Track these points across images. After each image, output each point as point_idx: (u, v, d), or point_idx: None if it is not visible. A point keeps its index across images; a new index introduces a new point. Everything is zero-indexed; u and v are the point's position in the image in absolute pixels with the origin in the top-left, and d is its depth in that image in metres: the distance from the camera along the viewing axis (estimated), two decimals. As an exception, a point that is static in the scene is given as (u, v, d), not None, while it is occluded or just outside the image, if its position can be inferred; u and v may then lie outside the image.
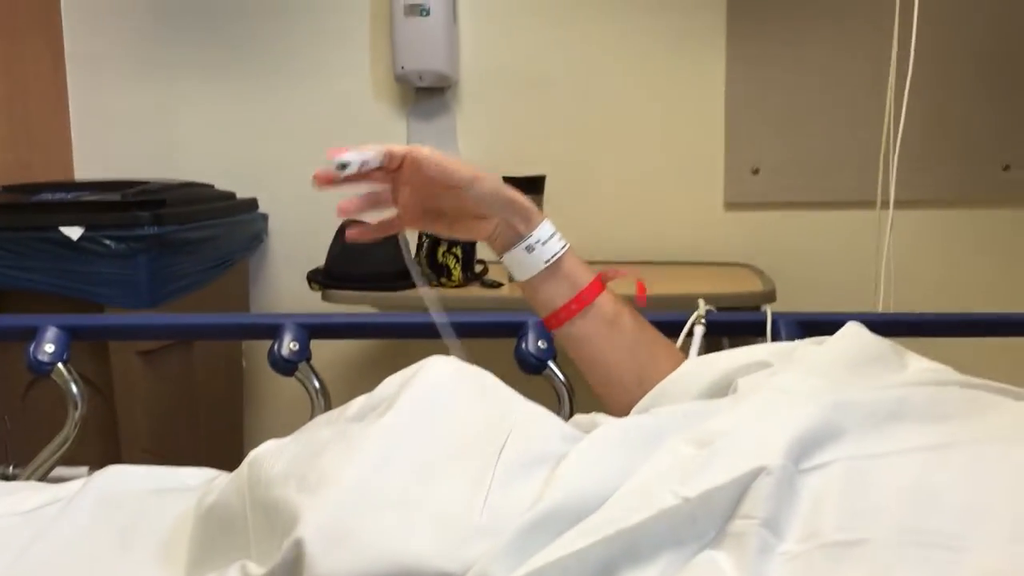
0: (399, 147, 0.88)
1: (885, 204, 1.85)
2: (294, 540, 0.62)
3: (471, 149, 2.27)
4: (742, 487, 0.60)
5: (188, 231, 1.92)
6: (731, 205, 2.26)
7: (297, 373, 1.12)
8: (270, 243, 2.36)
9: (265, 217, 2.32)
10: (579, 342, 0.95)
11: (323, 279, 2.01)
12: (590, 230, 2.24)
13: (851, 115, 2.10)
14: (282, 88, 2.32)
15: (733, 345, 1.01)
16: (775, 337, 1.13)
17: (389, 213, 0.93)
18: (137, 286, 1.80)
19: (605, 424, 0.73)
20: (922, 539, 0.56)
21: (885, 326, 1.17)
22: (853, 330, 0.86)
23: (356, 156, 0.84)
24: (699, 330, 1.10)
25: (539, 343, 1.11)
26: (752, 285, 1.98)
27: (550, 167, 2.08)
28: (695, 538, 0.60)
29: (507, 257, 0.94)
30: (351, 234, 0.93)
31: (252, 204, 2.27)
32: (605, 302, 0.94)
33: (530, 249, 0.93)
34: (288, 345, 1.11)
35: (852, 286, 1.94)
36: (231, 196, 2.21)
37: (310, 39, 2.30)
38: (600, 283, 0.95)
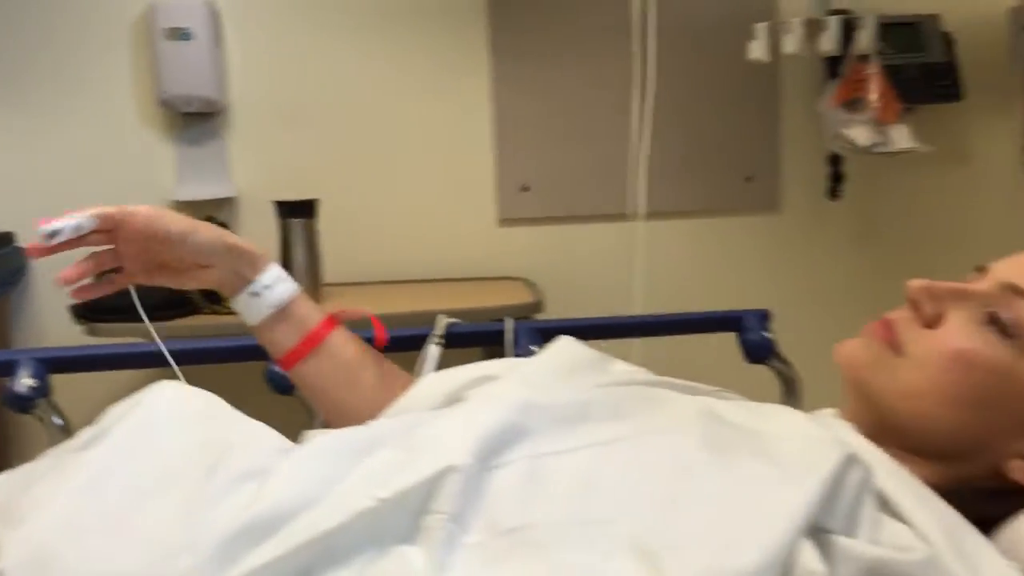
0: (111, 208, 0.90)
1: (638, 215, 2.00)
2: None
3: (244, 175, 2.25)
4: (432, 485, 0.65)
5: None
6: (504, 221, 2.35)
7: (36, 411, 1.09)
8: (32, 278, 2.25)
9: (22, 251, 2.21)
10: (312, 382, 0.98)
11: (88, 313, 1.94)
12: (367, 251, 2.27)
13: (608, 132, 2.23)
14: (40, 114, 2.22)
15: (489, 357, 1.07)
16: (517, 345, 1.20)
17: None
18: None
19: (322, 434, 0.76)
20: (583, 519, 0.63)
21: (613, 329, 1.27)
22: (564, 342, 0.93)
23: (66, 223, 0.86)
24: (434, 349, 1.15)
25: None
26: (523, 297, 2.08)
27: (324, 190, 2.10)
28: (391, 536, 0.64)
29: (234, 302, 0.98)
30: (77, 294, 0.93)
31: (7, 238, 2.16)
32: (338, 343, 0.98)
33: (255, 294, 0.96)
34: (23, 381, 1.08)
35: (616, 293, 2.07)
36: (-17, 230, 2.09)
37: (72, 65, 2.21)
38: (331, 324, 0.99)
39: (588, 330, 1.18)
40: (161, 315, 1.86)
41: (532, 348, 1.18)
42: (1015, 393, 0.73)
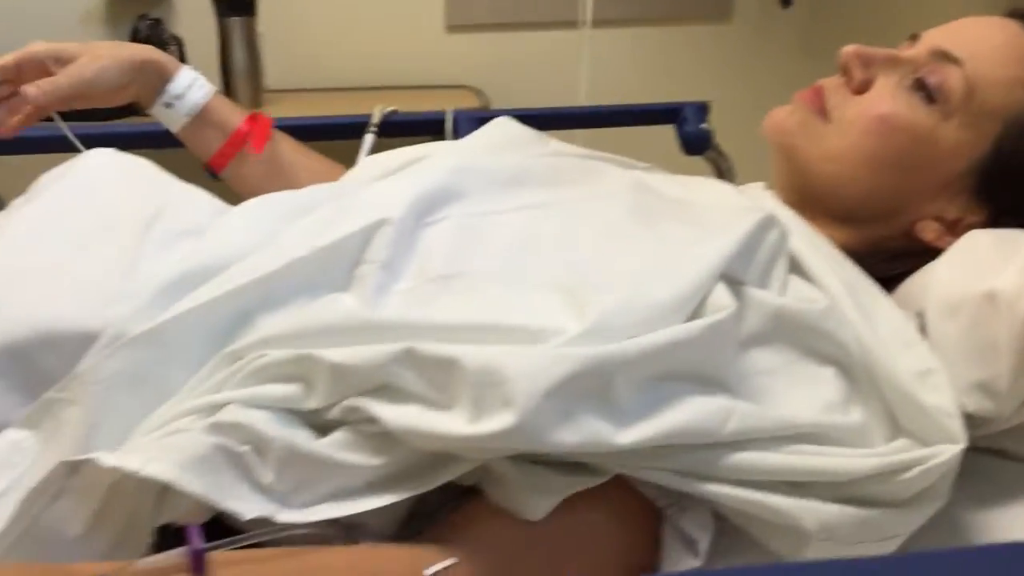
0: (7, 58, 0.88)
1: (585, 23, 1.96)
2: None
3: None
4: (367, 236, 0.67)
5: None
6: (452, 27, 2.29)
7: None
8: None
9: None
10: (247, 183, 0.98)
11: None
12: (310, 56, 2.21)
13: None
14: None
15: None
16: (456, 135, 1.20)
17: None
18: None
19: (257, 198, 0.77)
20: (512, 269, 0.66)
21: (554, 119, 1.27)
22: (500, 120, 0.93)
23: None
24: (370, 138, 1.15)
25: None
26: (469, 104, 2.05)
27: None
28: (326, 284, 0.66)
29: (153, 113, 0.97)
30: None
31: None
32: (271, 152, 0.99)
33: (168, 105, 0.95)
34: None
35: (562, 102, 2.05)
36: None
37: None
38: (252, 122, 0.99)
39: (529, 119, 1.17)
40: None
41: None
42: (934, 156, 0.76)
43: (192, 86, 0.96)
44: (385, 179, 0.79)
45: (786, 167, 0.82)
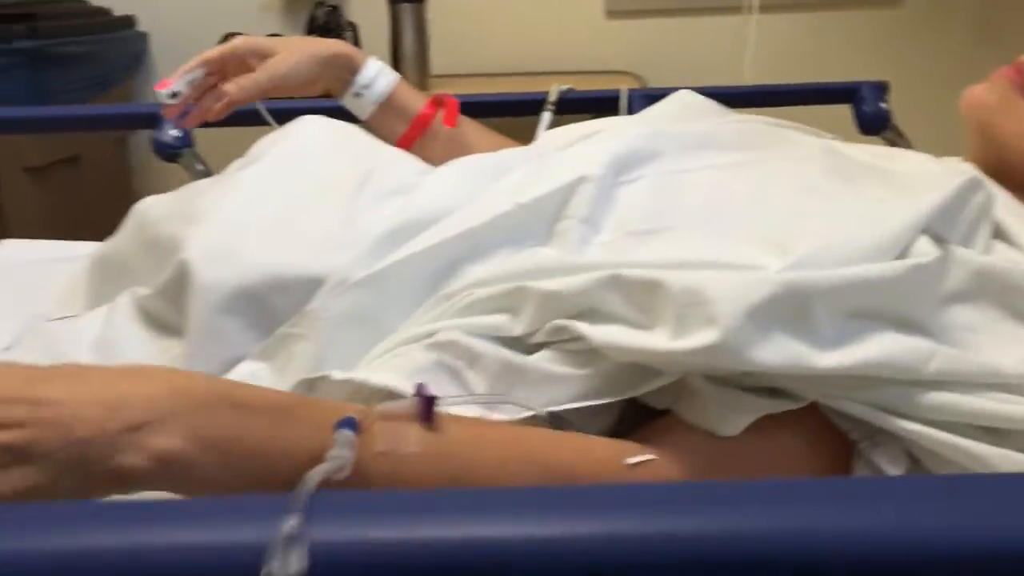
0: (212, 53, 0.95)
1: (751, 8, 1.94)
2: (179, 260, 0.70)
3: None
4: (567, 194, 0.70)
5: (64, 45, 1.89)
6: (613, 13, 2.31)
7: (181, 159, 1.17)
8: (152, 63, 2.33)
9: (144, 36, 2.28)
10: (429, 161, 1.03)
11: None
12: (472, 41, 2.28)
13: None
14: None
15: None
16: (629, 113, 1.22)
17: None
18: (13, 101, 1.78)
19: (457, 159, 0.81)
20: (710, 222, 0.67)
21: (726, 97, 1.27)
22: (682, 93, 0.95)
23: (181, 83, 0.94)
24: (547, 115, 1.18)
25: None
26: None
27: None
28: (528, 237, 0.70)
29: (344, 103, 1.03)
30: (188, 122, 0.99)
31: (129, 21, 2.23)
32: (448, 131, 1.04)
33: (358, 95, 1.02)
34: (170, 132, 1.15)
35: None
36: (106, 12, 2.16)
37: None
38: (434, 106, 1.04)
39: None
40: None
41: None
42: None
43: (378, 76, 1.02)
44: (576, 144, 0.82)
45: (982, 144, 0.81)
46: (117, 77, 2.16)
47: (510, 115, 1.28)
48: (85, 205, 2.05)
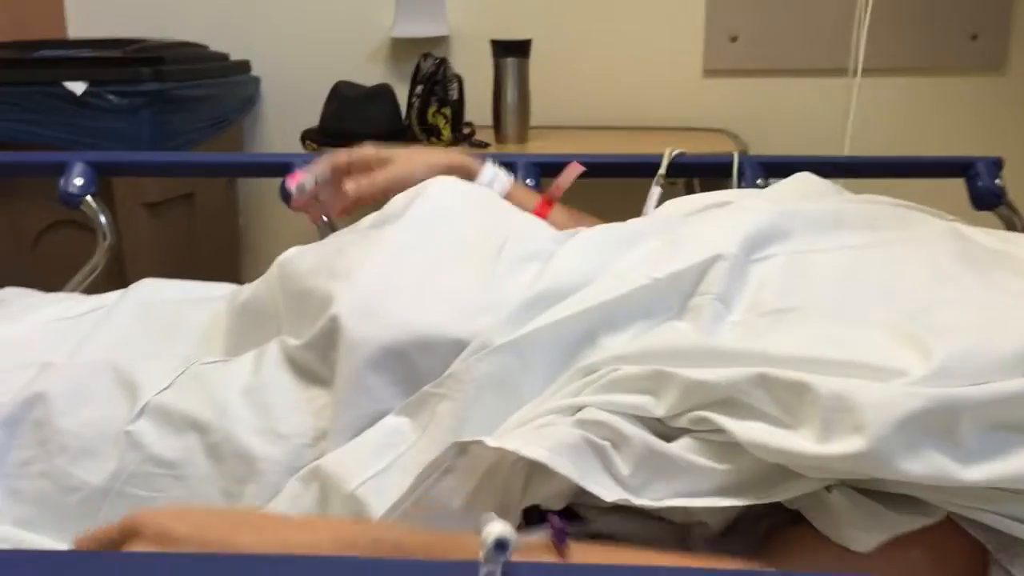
0: (341, 155, 1.03)
1: (852, 71, 1.95)
2: (330, 316, 0.74)
3: (460, 14, 2.32)
4: (702, 270, 0.72)
5: (186, 88, 1.98)
6: (710, 72, 2.34)
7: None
8: (263, 106, 2.43)
9: (257, 80, 2.38)
10: None
11: (318, 138, 2.09)
12: (571, 95, 2.32)
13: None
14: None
15: (704, 189, 1.12)
16: (740, 177, 1.24)
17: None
18: (139, 141, 1.88)
19: (588, 229, 0.84)
20: (843, 304, 0.69)
21: (839, 167, 1.28)
22: (803, 175, 0.97)
23: (308, 178, 1.03)
24: (656, 190, 1.21)
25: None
26: (727, 148, 2.09)
27: (535, 31, 2.14)
28: (662, 311, 0.72)
29: None
30: (313, 217, 1.10)
31: (245, 66, 2.33)
32: (556, 221, 1.06)
33: None
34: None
35: (824, 151, 2.05)
36: (224, 57, 2.27)
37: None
38: (548, 205, 1.07)
39: (813, 166, 1.19)
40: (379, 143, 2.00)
41: (758, 182, 1.22)
42: None
43: (494, 181, 1.06)
44: (708, 216, 0.84)
45: None
46: (232, 118, 2.26)
47: (621, 176, 1.31)
48: (195, 240, 2.13)
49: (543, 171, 1.24)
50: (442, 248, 0.81)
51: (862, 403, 0.56)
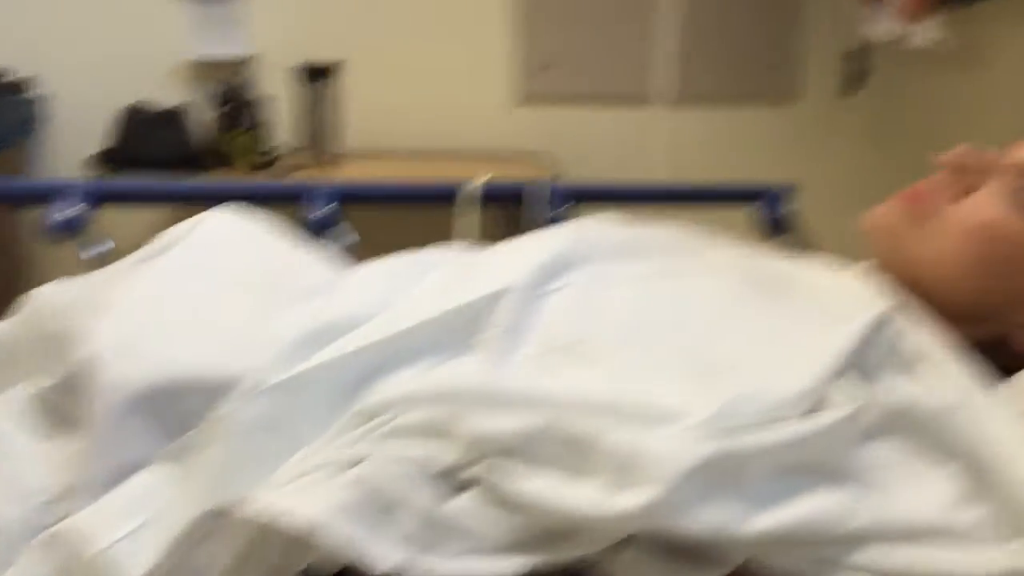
0: None
1: (663, 100, 2.00)
2: (84, 353, 0.65)
3: (264, 36, 2.23)
4: (491, 302, 0.69)
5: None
6: (524, 98, 2.35)
7: (81, 238, 1.13)
8: (53, 128, 2.25)
9: (41, 100, 2.21)
10: None
11: (104, 163, 1.96)
12: (386, 120, 2.28)
13: (634, 14, 2.21)
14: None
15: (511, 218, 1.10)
16: (549, 205, 1.22)
17: None
18: None
19: (378, 262, 0.80)
20: (636, 336, 0.67)
21: (639, 194, 1.30)
22: (602, 216, 0.96)
23: None
24: (464, 220, 1.17)
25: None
26: (542, 175, 2.09)
27: (345, 55, 2.09)
28: (452, 346, 0.68)
29: None
30: None
31: (21, 85, 2.15)
32: None
33: None
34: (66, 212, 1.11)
35: (633, 176, 2.10)
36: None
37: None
38: None
39: (614, 193, 1.20)
40: (170, 169, 1.88)
41: (561, 210, 1.21)
42: None
43: None
44: (505, 245, 0.82)
45: (887, 265, 0.83)
46: (8, 140, 2.08)
47: (426, 203, 1.27)
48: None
49: (345, 199, 1.19)
50: (213, 282, 0.74)
51: (648, 455, 0.54)
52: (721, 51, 2.28)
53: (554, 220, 1.17)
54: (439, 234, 1.11)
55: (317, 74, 2.02)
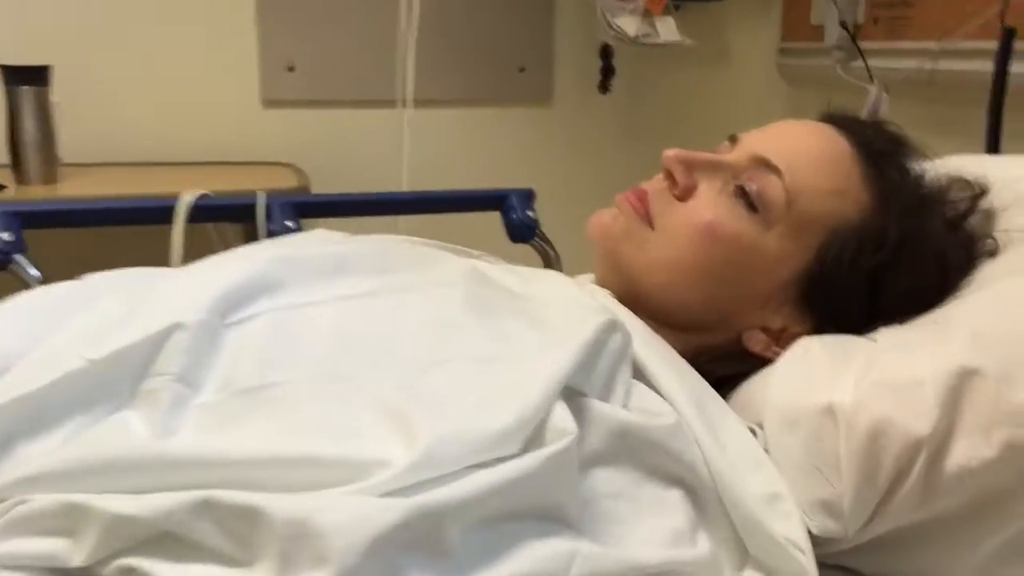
0: None
1: (406, 103, 1.92)
2: None
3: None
4: (156, 344, 0.58)
5: None
6: (268, 102, 2.21)
7: (12, 266, 1.03)
8: None
9: None
10: None
11: None
12: (111, 128, 2.07)
13: (380, 15, 2.13)
14: None
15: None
16: (271, 220, 1.12)
17: None
18: None
19: (25, 293, 0.67)
20: (332, 375, 0.58)
21: (376, 205, 1.21)
22: (318, 231, 0.88)
23: None
24: (178, 239, 1.06)
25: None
26: (288, 181, 1.96)
27: (59, 57, 1.87)
28: (106, 400, 0.57)
29: None
30: None
31: None
32: None
33: None
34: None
35: (384, 182, 2.01)
36: None
37: None
38: None
39: (351, 206, 1.12)
40: None
41: (288, 224, 1.11)
42: (759, 266, 0.75)
43: None
44: (186, 270, 0.70)
45: (612, 272, 0.80)
46: None
47: (137, 223, 1.13)
48: None
49: (29, 222, 1.03)
50: None
51: (324, 527, 0.45)
52: (472, 53, 2.24)
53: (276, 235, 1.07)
54: (155, 258, 0.98)
55: (23, 77, 1.80)
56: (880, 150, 0.79)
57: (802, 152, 0.76)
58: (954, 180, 0.82)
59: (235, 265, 0.66)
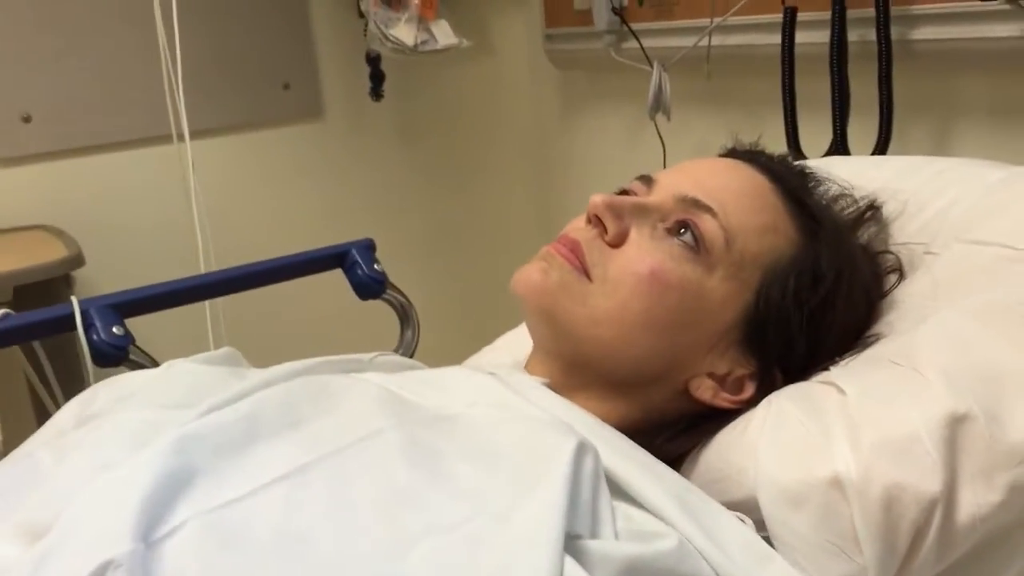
0: None
1: (180, 136, 1.75)
2: None
3: None
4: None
5: None
6: (6, 160, 1.96)
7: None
8: None
9: None
10: None
11: None
12: None
13: (130, 52, 1.95)
14: None
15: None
16: (88, 328, 0.97)
17: None
18: None
19: None
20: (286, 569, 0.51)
21: (202, 289, 1.09)
22: (177, 364, 0.77)
23: None
24: None
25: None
26: (54, 251, 1.73)
27: None
28: None
29: None
30: None
31: None
32: None
33: None
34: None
35: (172, 226, 1.85)
36: None
37: None
38: None
39: (174, 296, 1.01)
40: None
41: (116, 331, 0.98)
42: (704, 311, 0.72)
43: None
44: (68, 471, 0.59)
45: (550, 332, 0.74)
46: None
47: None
48: None
49: None
50: None
51: None
52: (232, 76, 2.09)
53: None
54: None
55: None
56: (795, 184, 0.79)
57: (725, 189, 0.74)
58: (842, 196, 0.83)
59: (141, 466, 0.55)
